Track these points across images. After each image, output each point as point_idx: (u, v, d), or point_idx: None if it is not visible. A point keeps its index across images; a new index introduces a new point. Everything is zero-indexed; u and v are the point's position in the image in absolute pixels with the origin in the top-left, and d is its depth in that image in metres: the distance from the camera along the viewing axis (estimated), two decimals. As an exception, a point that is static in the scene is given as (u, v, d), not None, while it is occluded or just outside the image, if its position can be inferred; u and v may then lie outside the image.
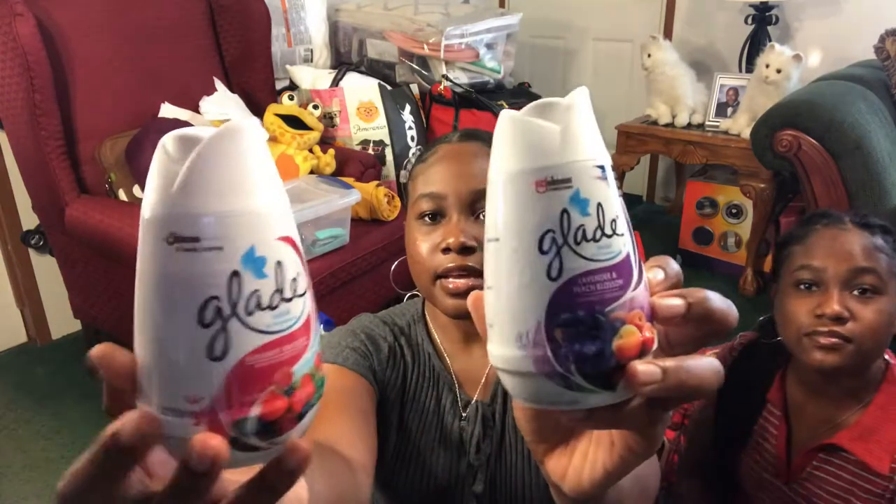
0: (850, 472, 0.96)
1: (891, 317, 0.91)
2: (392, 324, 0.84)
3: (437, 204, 0.72)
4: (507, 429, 0.78)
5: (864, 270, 0.91)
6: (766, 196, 2.50)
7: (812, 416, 1.00)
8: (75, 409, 2.06)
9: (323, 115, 2.41)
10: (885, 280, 0.91)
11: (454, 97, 2.58)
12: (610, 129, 3.13)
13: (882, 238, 0.93)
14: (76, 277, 2.01)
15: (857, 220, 0.95)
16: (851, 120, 1.94)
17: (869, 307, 0.90)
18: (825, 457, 0.98)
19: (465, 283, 0.69)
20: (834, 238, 0.94)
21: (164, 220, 0.29)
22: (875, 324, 0.89)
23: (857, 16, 2.77)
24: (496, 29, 2.76)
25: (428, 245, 0.72)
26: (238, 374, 0.29)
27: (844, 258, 0.92)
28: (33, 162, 1.84)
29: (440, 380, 0.81)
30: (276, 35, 2.49)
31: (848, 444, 0.94)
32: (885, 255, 0.92)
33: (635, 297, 0.33)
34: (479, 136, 0.76)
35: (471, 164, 0.72)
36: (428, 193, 0.72)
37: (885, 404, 0.93)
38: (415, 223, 0.74)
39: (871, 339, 0.90)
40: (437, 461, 0.79)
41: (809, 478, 1.00)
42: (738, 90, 2.68)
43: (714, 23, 3.14)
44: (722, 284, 2.73)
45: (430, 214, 0.73)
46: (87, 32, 1.94)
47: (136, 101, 2.04)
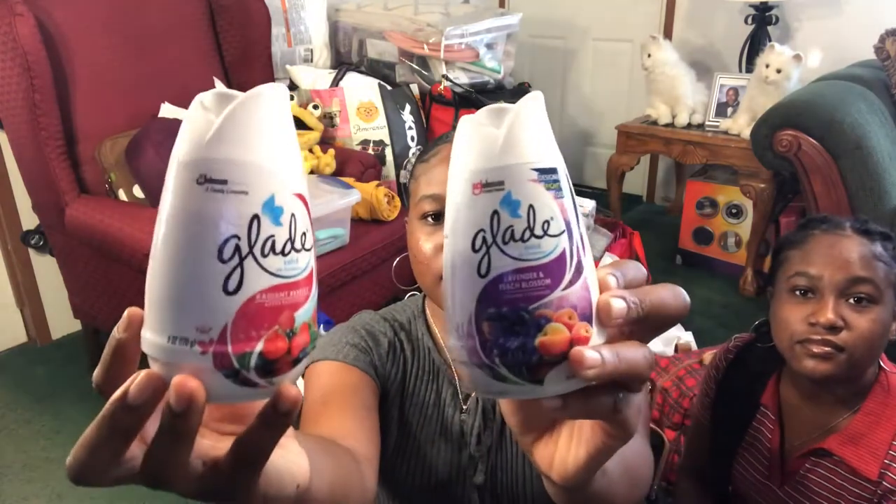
0: (841, 476, 0.96)
1: (885, 326, 0.91)
2: (392, 320, 0.85)
3: (441, 205, 0.72)
4: (505, 423, 0.79)
5: (861, 280, 0.89)
6: (766, 196, 2.50)
7: (805, 420, 1.00)
8: (75, 409, 2.06)
9: (323, 115, 2.41)
10: (881, 289, 0.90)
11: (454, 97, 2.58)
12: (610, 129, 3.13)
13: (882, 245, 0.92)
14: (76, 277, 2.01)
15: (858, 227, 0.93)
16: (851, 120, 1.94)
17: (864, 317, 0.89)
18: (816, 460, 0.98)
19: None
20: (832, 245, 0.92)
21: (196, 163, 0.32)
22: (869, 333, 0.89)
23: (857, 16, 2.77)
24: (496, 29, 2.76)
25: (431, 245, 0.73)
26: (247, 310, 0.32)
27: (841, 266, 0.90)
28: (33, 162, 1.84)
29: (440, 374, 0.82)
30: (276, 35, 2.49)
31: (837, 448, 0.95)
32: (883, 263, 0.90)
33: (566, 297, 0.34)
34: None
35: None
36: (431, 195, 0.73)
37: (876, 410, 0.93)
38: (418, 223, 0.75)
39: (864, 349, 0.89)
40: (438, 454, 0.81)
41: (802, 481, 1.00)
42: (738, 90, 2.68)
43: (714, 23, 3.15)
44: (722, 284, 2.73)
45: (433, 215, 0.73)
46: (87, 32, 1.94)
47: (136, 101, 2.04)
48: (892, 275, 0.91)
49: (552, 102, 3.68)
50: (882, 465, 0.91)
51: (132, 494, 1.73)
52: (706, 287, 2.72)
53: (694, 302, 2.46)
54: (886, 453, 0.91)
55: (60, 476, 1.81)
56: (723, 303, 2.60)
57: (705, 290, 2.69)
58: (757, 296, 2.63)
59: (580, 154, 3.79)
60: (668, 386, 1.68)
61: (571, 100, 3.74)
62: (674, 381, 1.69)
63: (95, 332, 2.13)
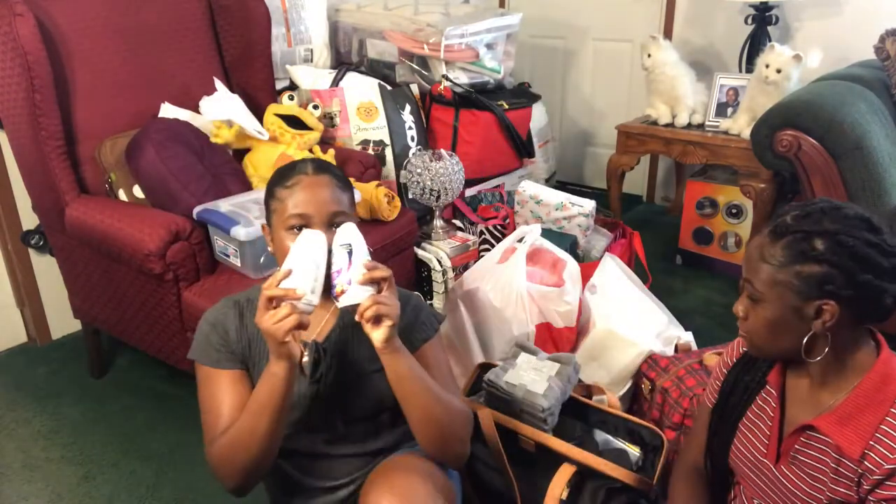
0: (828, 454, 0.98)
1: (768, 322, 0.98)
2: (245, 300, 1.16)
3: (305, 221, 1.06)
4: (336, 356, 1.14)
5: (748, 282, 0.99)
6: (766, 196, 2.50)
7: (802, 399, 1.03)
8: (75, 409, 2.06)
9: (323, 115, 2.41)
10: (760, 290, 0.97)
11: (454, 97, 2.58)
12: (610, 129, 3.13)
13: (786, 247, 0.95)
14: (76, 277, 2.01)
15: (776, 228, 0.97)
16: (851, 120, 1.94)
17: (756, 312, 0.99)
18: (806, 440, 1.01)
19: None
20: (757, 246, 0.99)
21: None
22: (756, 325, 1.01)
23: (857, 16, 2.77)
24: (496, 29, 2.76)
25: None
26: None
27: (744, 268, 1.00)
28: (33, 162, 1.84)
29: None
30: (276, 35, 2.49)
31: (826, 427, 0.97)
32: (768, 264, 0.96)
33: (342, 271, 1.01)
34: (326, 168, 1.12)
35: (326, 192, 1.08)
36: (298, 213, 1.07)
37: (868, 391, 0.96)
38: (285, 232, 1.08)
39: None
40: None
41: (794, 459, 1.03)
42: (738, 90, 2.68)
43: (714, 23, 3.15)
44: (722, 284, 2.73)
45: (297, 227, 1.06)
46: (87, 32, 1.94)
47: (136, 101, 2.04)
48: (777, 274, 0.96)
49: (552, 102, 3.68)
50: (866, 445, 0.93)
51: (132, 494, 1.74)
52: (706, 287, 2.72)
53: (694, 302, 2.48)
54: (872, 435, 0.93)
55: (60, 476, 1.81)
56: (723, 303, 2.60)
57: (705, 290, 2.69)
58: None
59: (580, 154, 3.79)
60: (668, 386, 1.68)
61: (571, 100, 3.74)
62: (674, 381, 1.69)
63: (95, 332, 2.13)
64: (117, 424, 1.99)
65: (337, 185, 1.10)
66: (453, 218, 2.56)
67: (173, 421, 1.99)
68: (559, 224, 2.26)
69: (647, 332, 1.88)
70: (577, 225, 2.23)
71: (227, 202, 1.78)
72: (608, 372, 1.85)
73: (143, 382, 2.17)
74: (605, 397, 1.62)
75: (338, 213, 1.07)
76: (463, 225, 2.52)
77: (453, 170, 2.28)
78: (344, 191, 1.11)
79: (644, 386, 1.79)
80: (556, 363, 1.58)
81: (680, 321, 2.05)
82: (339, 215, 1.07)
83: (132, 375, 2.21)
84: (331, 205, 1.07)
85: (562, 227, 2.26)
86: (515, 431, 1.47)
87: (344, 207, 1.09)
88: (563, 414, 1.52)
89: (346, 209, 1.10)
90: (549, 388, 1.48)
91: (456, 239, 2.40)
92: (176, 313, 1.74)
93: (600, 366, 1.86)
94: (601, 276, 2.00)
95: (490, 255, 2.07)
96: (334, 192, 1.09)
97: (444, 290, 2.28)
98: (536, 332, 1.90)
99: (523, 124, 2.79)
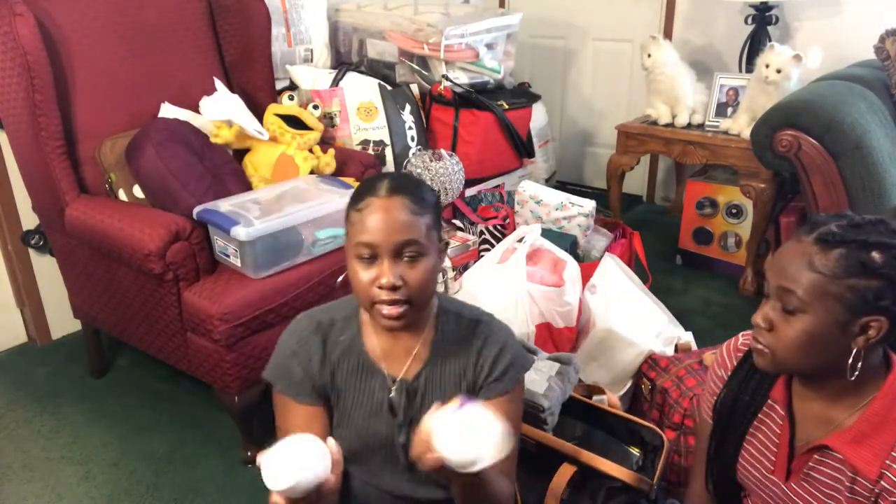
0: (843, 473, 0.96)
1: (807, 335, 0.92)
2: (328, 321, 1.09)
3: (372, 251, 0.96)
4: (424, 397, 1.07)
5: (787, 291, 0.92)
6: (766, 196, 2.51)
7: (813, 416, 1.00)
8: (75, 409, 2.06)
9: (323, 115, 2.41)
10: (805, 300, 0.90)
11: (454, 97, 2.58)
12: (610, 129, 3.13)
13: (827, 258, 0.89)
14: (76, 277, 2.01)
15: (824, 236, 0.91)
16: (851, 120, 1.94)
17: (791, 323, 0.92)
18: (820, 458, 0.98)
19: (396, 310, 0.97)
20: (784, 250, 0.95)
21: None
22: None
23: (857, 16, 2.77)
24: (496, 29, 2.76)
25: (367, 278, 0.97)
26: None
27: (776, 274, 0.94)
28: (33, 162, 1.84)
29: (369, 366, 1.07)
30: (276, 35, 2.49)
31: (840, 447, 0.95)
32: (819, 274, 0.89)
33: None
34: (402, 189, 0.98)
35: (397, 218, 0.96)
36: (365, 242, 0.96)
37: (882, 411, 0.93)
38: (355, 259, 0.98)
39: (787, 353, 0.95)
40: (372, 425, 1.07)
41: (806, 477, 1.00)
42: (738, 90, 2.68)
43: (714, 23, 3.15)
44: (722, 284, 2.73)
45: (366, 256, 0.97)
46: (87, 32, 1.94)
47: (136, 101, 2.04)
48: (819, 286, 0.90)
49: (552, 102, 3.68)
50: (883, 465, 0.91)
51: (132, 494, 1.74)
52: (706, 287, 2.72)
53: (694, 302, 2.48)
54: (888, 454, 0.91)
55: (60, 476, 1.81)
56: (723, 303, 2.60)
57: (705, 290, 2.69)
58: (757, 296, 2.63)
59: (580, 154, 3.79)
60: (668, 386, 1.68)
61: (571, 100, 3.74)
62: (674, 381, 1.69)
63: (95, 332, 2.13)
64: (117, 424, 1.99)
65: (412, 209, 0.97)
66: (453, 218, 2.56)
67: (173, 421, 2.00)
68: (559, 224, 2.26)
69: (647, 332, 1.88)
70: (577, 225, 2.23)
71: (227, 202, 1.78)
72: (608, 372, 1.85)
73: (143, 382, 2.17)
74: (605, 397, 1.62)
75: (408, 244, 0.96)
76: (463, 225, 2.52)
77: (453, 170, 2.28)
78: (422, 214, 0.98)
79: (644, 386, 1.79)
80: (556, 363, 1.58)
81: (680, 321, 2.05)
82: (409, 245, 0.96)
83: (132, 375, 2.21)
84: (400, 232, 0.96)
85: (562, 227, 2.26)
86: (515, 431, 1.47)
87: (418, 235, 0.96)
88: (563, 414, 1.52)
89: (421, 237, 0.97)
90: (549, 388, 1.48)
91: (456, 239, 2.40)
92: (176, 313, 1.74)
93: (600, 366, 1.87)
94: (601, 276, 2.00)
95: (490, 255, 2.07)
96: (408, 218, 0.96)
97: (445, 290, 2.28)
98: (536, 332, 1.90)
99: (523, 124, 2.79)
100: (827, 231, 0.91)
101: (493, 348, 1.06)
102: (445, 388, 1.07)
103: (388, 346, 1.07)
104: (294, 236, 1.79)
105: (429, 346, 1.07)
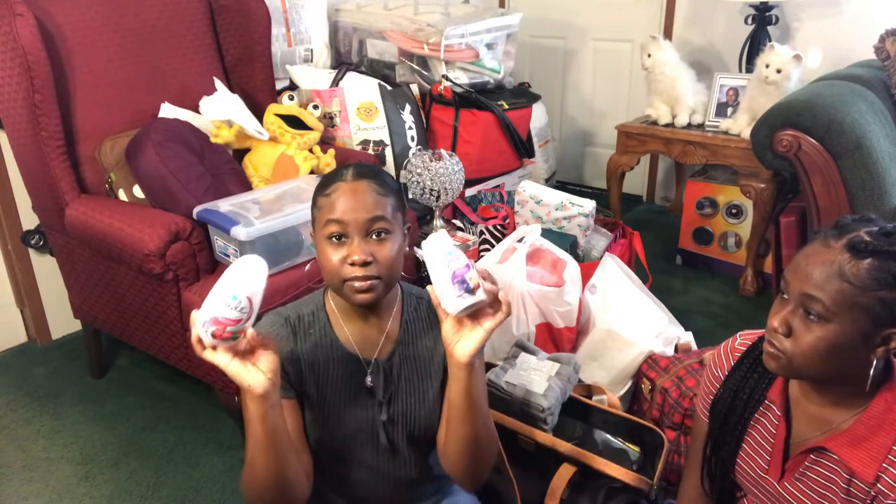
0: (839, 475, 0.96)
1: (829, 343, 0.90)
2: (295, 317, 1.11)
3: (342, 229, 1.00)
4: (400, 375, 1.12)
5: (812, 298, 0.90)
6: (766, 196, 2.51)
7: (810, 417, 1.01)
8: (75, 409, 2.06)
9: (323, 115, 2.41)
10: (831, 309, 0.89)
11: (454, 97, 2.58)
12: (610, 129, 3.13)
13: (858, 264, 0.88)
14: (76, 277, 2.01)
15: (854, 244, 0.89)
16: (851, 120, 1.94)
17: (812, 331, 0.90)
18: (815, 458, 0.99)
19: (367, 283, 1.01)
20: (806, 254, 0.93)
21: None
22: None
23: (857, 16, 2.77)
24: (496, 29, 2.76)
25: (337, 257, 1.01)
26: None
27: (801, 279, 0.91)
28: (33, 162, 1.84)
29: (341, 353, 1.10)
30: (276, 35, 2.49)
31: (837, 448, 0.95)
32: (849, 284, 0.87)
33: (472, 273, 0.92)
34: (367, 174, 1.04)
35: (364, 198, 1.01)
36: (335, 219, 1.00)
37: (880, 413, 0.93)
38: (325, 241, 1.02)
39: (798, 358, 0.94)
40: (353, 408, 1.10)
41: (801, 478, 1.01)
42: (738, 90, 2.68)
43: (714, 23, 3.15)
44: (722, 284, 2.73)
45: (336, 236, 1.01)
46: (87, 32, 1.94)
47: (136, 101, 2.04)
48: (845, 295, 0.88)
49: (552, 102, 3.68)
50: (880, 467, 0.91)
51: (132, 494, 1.74)
52: (706, 287, 2.72)
53: (694, 302, 2.47)
54: (885, 457, 0.91)
55: (60, 476, 1.81)
56: (723, 303, 2.60)
57: (705, 290, 2.69)
58: (757, 295, 2.63)
59: (580, 154, 3.79)
60: (668, 386, 1.69)
61: (571, 100, 3.74)
62: (674, 381, 1.69)
63: (95, 332, 2.13)
64: (117, 424, 1.99)
65: (378, 191, 1.02)
66: (453, 218, 2.56)
67: (173, 421, 2.00)
68: (559, 224, 2.26)
69: (647, 332, 1.88)
70: (577, 225, 2.23)
71: (227, 202, 1.78)
72: (608, 372, 1.85)
73: (143, 382, 2.18)
74: (605, 397, 1.62)
75: (376, 220, 1.00)
76: (463, 225, 2.52)
77: (453, 170, 2.28)
78: (386, 195, 1.03)
79: (644, 386, 1.79)
80: (556, 363, 1.58)
81: (680, 321, 2.05)
82: (377, 221, 1.00)
83: (132, 375, 2.21)
84: (368, 210, 1.00)
85: (562, 227, 2.26)
86: (515, 431, 1.48)
87: (384, 213, 1.01)
88: (563, 414, 1.52)
89: (388, 215, 1.01)
90: (549, 388, 1.49)
91: (456, 239, 2.40)
92: (176, 313, 1.74)
93: (600, 366, 1.87)
94: (601, 276, 2.00)
95: (490, 255, 2.07)
96: (374, 198, 1.01)
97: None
98: (536, 332, 1.90)
99: (523, 124, 2.79)
100: (859, 239, 0.88)
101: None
102: (419, 363, 1.12)
103: (358, 332, 1.10)
104: (294, 236, 1.79)
105: (398, 327, 1.12)
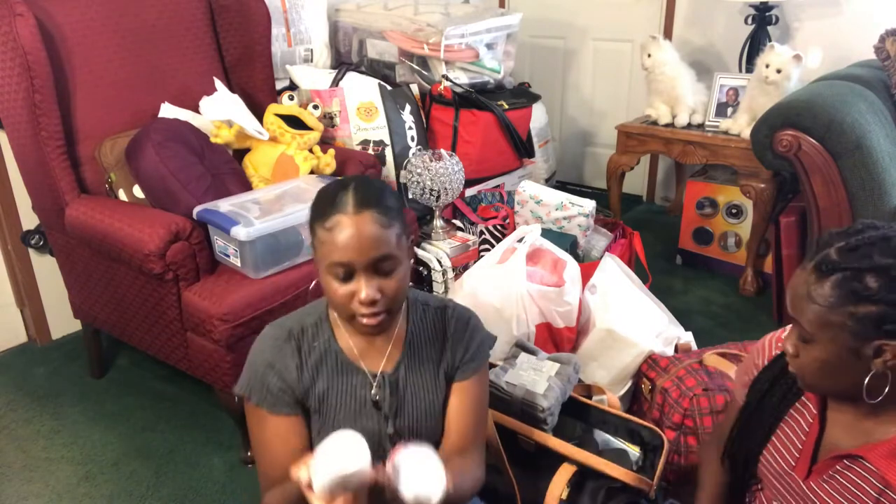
0: (870, 483, 0.95)
1: (822, 362, 0.92)
2: (299, 329, 1.09)
3: (347, 270, 0.97)
4: (406, 387, 1.10)
5: (797, 322, 0.93)
6: (766, 196, 2.51)
7: (845, 423, 1.00)
8: (75, 409, 2.06)
9: (323, 115, 2.41)
10: (810, 331, 0.91)
11: (454, 97, 2.58)
12: (610, 129, 3.13)
13: (833, 287, 0.88)
14: (76, 277, 2.01)
15: (821, 264, 0.90)
16: (851, 120, 1.94)
17: (808, 351, 0.93)
18: (848, 464, 0.98)
19: (376, 320, 0.99)
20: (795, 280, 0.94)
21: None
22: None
23: (857, 16, 2.77)
24: (496, 29, 2.76)
25: (344, 293, 0.98)
26: None
27: (789, 303, 0.94)
28: (33, 162, 1.84)
29: (347, 367, 1.09)
30: (276, 35, 2.49)
31: (875, 459, 0.93)
32: (818, 305, 0.89)
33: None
34: (368, 202, 0.97)
35: (368, 235, 0.96)
36: (338, 262, 0.96)
37: None
38: (330, 276, 0.98)
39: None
40: (358, 422, 1.08)
41: (829, 480, 0.99)
42: (738, 90, 2.68)
43: (714, 23, 3.15)
44: (722, 284, 2.73)
45: (341, 275, 0.97)
46: (87, 32, 1.94)
47: (136, 101, 2.04)
48: (828, 315, 0.89)
49: (552, 102, 3.68)
50: None
51: (132, 494, 1.74)
52: (706, 287, 2.72)
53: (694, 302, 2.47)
54: None
55: (60, 476, 1.81)
56: (723, 303, 2.60)
57: (705, 290, 2.69)
58: (757, 295, 2.63)
59: (580, 154, 3.79)
60: (668, 386, 1.68)
61: (571, 100, 3.74)
62: (674, 381, 1.69)
63: (95, 332, 2.13)
64: (117, 424, 1.99)
65: (381, 222, 0.96)
66: (453, 218, 2.56)
67: (173, 421, 2.00)
68: (559, 224, 2.26)
69: (647, 332, 1.88)
70: (577, 225, 2.23)
71: (227, 202, 1.78)
72: (608, 372, 1.85)
73: (143, 382, 2.18)
74: (605, 397, 1.62)
75: (382, 259, 0.97)
76: (463, 225, 2.52)
77: (453, 170, 2.28)
78: (391, 225, 0.98)
79: (644, 386, 1.79)
80: (556, 363, 1.58)
81: (680, 321, 2.05)
82: (384, 261, 0.97)
83: (132, 375, 2.21)
84: (374, 249, 0.96)
85: (562, 227, 2.26)
86: (515, 431, 1.48)
87: (390, 249, 0.97)
88: (563, 414, 1.52)
89: (393, 249, 0.97)
90: (549, 388, 1.49)
91: (456, 239, 2.40)
92: (176, 313, 1.74)
93: (600, 366, 1.87)
94: (601, 276, 2.00)
95: (490, 255, 2.07)
96: (377, 232, 0.96)
97: (445, 290, 2.28)
98: (536, 332, 1.90)
99: (523, 124, 2.79)
100: (823, 258, 0.90)
101: (464, 331, 1.13)
102: (425, 375, 1.12)
103: (363, 345, 1.10)
104: (294, 236, 1.79)
105: (403, 338, 1.11)
